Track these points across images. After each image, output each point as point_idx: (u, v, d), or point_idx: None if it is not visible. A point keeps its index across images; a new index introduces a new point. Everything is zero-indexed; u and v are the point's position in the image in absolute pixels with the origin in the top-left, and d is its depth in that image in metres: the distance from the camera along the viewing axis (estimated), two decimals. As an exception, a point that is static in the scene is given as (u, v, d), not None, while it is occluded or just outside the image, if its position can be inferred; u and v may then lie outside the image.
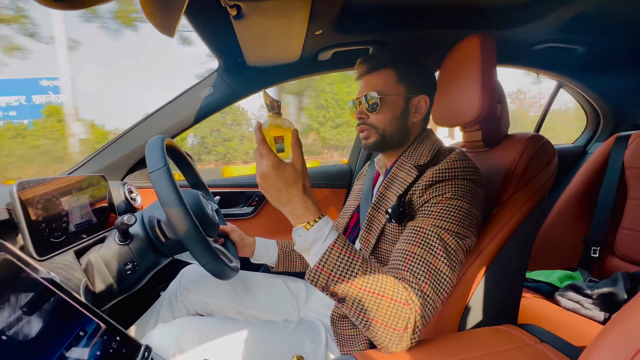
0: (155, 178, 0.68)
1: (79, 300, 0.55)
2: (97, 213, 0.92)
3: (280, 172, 0.57)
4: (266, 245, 1.02)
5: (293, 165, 0.59)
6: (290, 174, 0.58)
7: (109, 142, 1.30)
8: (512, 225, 0.76)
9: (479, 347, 0.59)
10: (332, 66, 1.33)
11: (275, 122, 0.61)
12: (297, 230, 0.60)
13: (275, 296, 1.00)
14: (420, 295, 0.58)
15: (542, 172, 0.80)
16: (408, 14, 1.02)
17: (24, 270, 0.51)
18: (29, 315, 0.46)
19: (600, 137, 1.80)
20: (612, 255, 1.37)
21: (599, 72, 1.53)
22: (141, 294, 0.99)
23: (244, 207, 1.51)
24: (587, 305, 1.03)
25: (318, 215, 0.60)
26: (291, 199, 0.59)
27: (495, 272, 0.75)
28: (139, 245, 0.79)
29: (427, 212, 0.68)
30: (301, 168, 0.60)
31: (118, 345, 0.54)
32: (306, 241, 0.59)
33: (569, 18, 1.04)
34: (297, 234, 0.60)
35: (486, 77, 0.78)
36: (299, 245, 0.60)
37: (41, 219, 0.71)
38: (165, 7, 0.52)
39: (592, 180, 1.46)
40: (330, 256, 0.57)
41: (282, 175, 0.58)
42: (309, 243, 0.59)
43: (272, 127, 0.61)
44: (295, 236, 0.60)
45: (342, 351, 0.78)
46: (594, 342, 0.33)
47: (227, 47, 1.08)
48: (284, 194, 0.59)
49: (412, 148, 0.82)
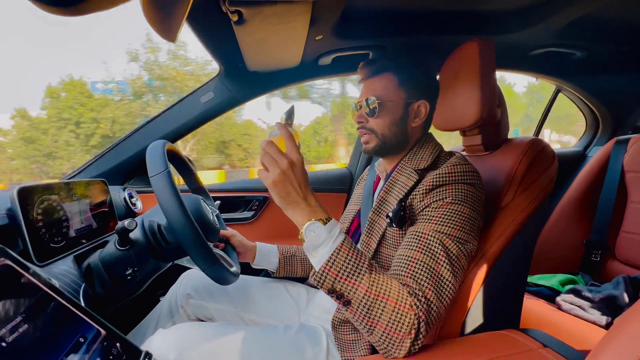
0: (155, 182, 0.68)
1: (79, 306, 0.55)
2: (97, 218, 0.92)
3: (296, 170, 0.59)
4: (267, 250, 1.02)
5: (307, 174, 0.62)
6: (306, 172, 0.61)
7: (110, 147, 1.30)
8: (513, 229, 0.76)
9: (481, 352, 0.59)
10: (332, 71, 1.33)
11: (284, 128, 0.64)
12: (311, 225, 0.59)
13: (276, 301, 0.99)
14: (424, 302, 0.58)
15: (543, 176, 0.80)
16: (408, 19, 1.03)
17: (23, 275, 0.51)
18: (29, 322, 0.46)
19: (599, 140, 1.81)
20: (614, 259, 1.36)
21: (597, 76, 1.54)
22: (141, 300, 0.98)
23: (244, 212, 1.51)
24: (588, 309, 1.03)
25: (327, 215, 0.61)
26: (308, 194, 0.61)
27: (496, 277, 0.75)
28: (139, 250, 0.79)
29: (428, 217, 0.68)
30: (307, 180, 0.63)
31: (118, 352, 0.54)
32: (319, 238, 0.58)
33: (567, 23, 1.04)
34: (309, 230, 0.59)
35: (485, 81, 0.79)
36: (311, 242, 0.59)
37: (41, 224, 0.71)
38: (167, 13, 0.52)
39: (592, 184, 1.46)
40: (338, 257, 0.57)
41: (303, 172, 0.60)
42: (321, 240, 0.58)
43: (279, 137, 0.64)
44: (307, 232, 0.59)
45: (343, 356, 0.77)
46: (597, 347, 0.33)
47: (228, 52, 1.09)
48: (302, 191, 0.60)
49: (413, 152, 0.82)
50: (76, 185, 0.87)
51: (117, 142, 1.31)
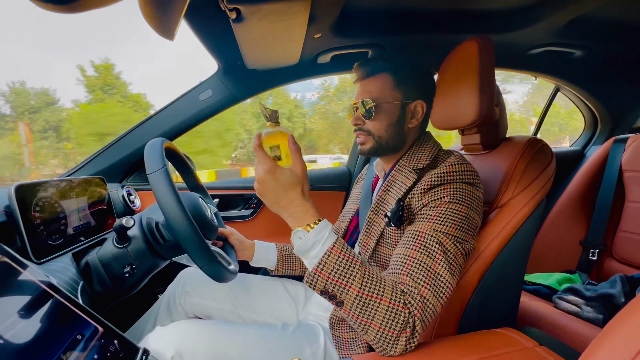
0: (153, 179, 0.68)
1: (77, 303, 0.55)
2: (95, 215, 0.92)
3: (277, 176, 0.58)
4: (265, 248, 1.02)
5: (291, 169, 0.60)
6: (287, 177, 0.59)
7: (108, 145, 1.30)
8: (510, 228, 0.76)
9: (477, 350, 0.59)
10: (331, 69, 1.33)
11: (270, 131, 0.62)
12: (297, 232, 0.60)
13: (274, 299, 1.00)
14: (419, 300, 0.58)
15: (541, 175, 0.80)
16: (407, 17, 1.03)
17: (21, 273, 0.51)
18: (27, 319, 0.46)
19: (598, 140, 1.81)
20: (611, 258, 1.37)
21: (596, 76, 1.54)
22: (139, 297, 0.99)
23: (242, 210, 1.51)
24: (585, 308, 1.03)
25: (318, 218, 0.60)
26: (291, 201, 0.60)
27: (493, 275, 0.76)
28: (137, 247, 0.79)
29: (426, 216, 0.68)
30: (301, 172, 0.60)
31: (116, 349, 0.54)
32: (306, 243, 0.59)
33: (566, 22, 1.04)
34: (296, 237, 0.60)
35: (484, 80, 0.79)
36: (299, 248, 0.60)
37: (39, 222, 0.71)
38: (165, 11, 0.52)
39: (590, 183, 1.47)
40: (329, 259, 0.57)
41: (279, 179, 0.59)
42: (309, 245, 0.59)
43: (267, 136, 0.62)
44: (294, 239, 0.61)
45: (340, 354, 0.77)
46: (592, 344, 0.33)
47: (227, 50, 1.09)
48: (282, 197, 0.60)
49: (411, 152, 0.82)
50: (74, 183, 0.86)
51: (115, 139, 1.30)
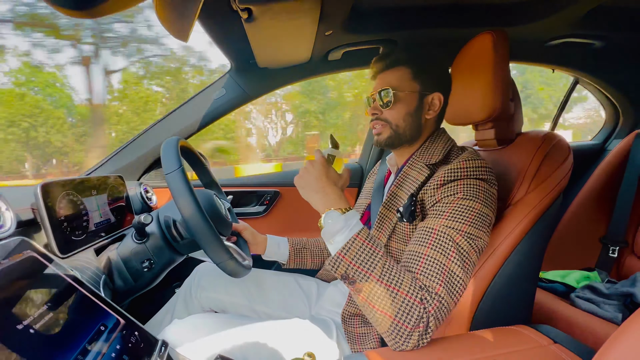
0: (170, 180, 0.70)
1: (100, 296, 0.57)
2: (115, 212, 0.95)
3: (326, 168, 0.69)
4: (277, 242, 1.03)
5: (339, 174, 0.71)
6: (332, 173, 0.69)
7: (126, 144, 1.34)
8: (525, 224, 0.75)
9: (491, 348, 0.59)
10: (342, 66, 1.33)
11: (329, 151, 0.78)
12: (330, 214, 0.64)
13: (287, 294, 1.01)
14: (434, 297, 0.58)
15: (557, 171, 0.78)
16: (419, 12, 1.01)
17: (47, 266, 0.54)
18: (54, 310, 0.48)
19: (619, 133, 1.75)
20: (632, 255, 1.33)
21: (617, 67, 1.49)
22: (157, 291, 1.02)
23: (256, 206, 1.53)
24: (604, 307, 1.01)
25: (349, 206, 0.65)
26: (330, 185, 0.67)
27: (508, 272, 0.75)
28: (155, 243, 0.82)
29: (438, 212, 0.68)
30: (343, 182, 0.71)
31: (136, 340, 0.56)
32: (335, 226, 0.62)
33: (585, 12, 1.01)
34: (328, 217, 0.64)
35: (499, 74, 0.77)
36: (328, 229, 0.63)
37: (63, 218, 0.74)
38: (179, 13, 0.54)
39: (611, 178, 1.42)
40: (353, 245, 0.60)
41: (327, 169, 0.69)
42: (338, 228, 0.62)
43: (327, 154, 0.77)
44: (325, 220, 0.64)
45: (352, 349, 0.78)
46: (609, 342, 0.33)
47: (239, 49, 1.10)
48: (323, 182, 0.67)
49: (424, 147, 0.81)
50: (95, 181, 0.90)
51: (132, 138, 1.34)
